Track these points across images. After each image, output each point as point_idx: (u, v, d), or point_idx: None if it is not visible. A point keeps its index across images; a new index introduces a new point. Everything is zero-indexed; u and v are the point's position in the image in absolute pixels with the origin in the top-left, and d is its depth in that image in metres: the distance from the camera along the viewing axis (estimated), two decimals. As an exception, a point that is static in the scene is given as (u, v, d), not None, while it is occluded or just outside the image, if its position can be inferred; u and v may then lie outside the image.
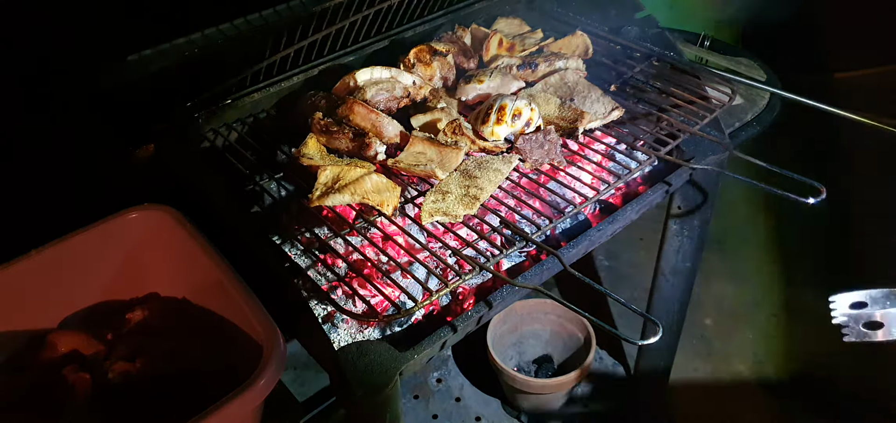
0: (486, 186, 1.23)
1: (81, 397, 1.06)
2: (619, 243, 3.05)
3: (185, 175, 1.33)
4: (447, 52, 1.53)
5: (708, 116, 1.43)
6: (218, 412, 0.91)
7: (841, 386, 2.43)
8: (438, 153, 1.27)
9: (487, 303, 1.17)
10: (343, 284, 1.13)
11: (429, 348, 1.09)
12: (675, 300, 1.91)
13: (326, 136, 1.30)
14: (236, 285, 1.10)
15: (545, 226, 1.21)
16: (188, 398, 1.09)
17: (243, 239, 1.17)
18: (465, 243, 1.16)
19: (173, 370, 1.13)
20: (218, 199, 1.23)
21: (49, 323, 1.19)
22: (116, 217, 1.22)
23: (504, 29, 1.73)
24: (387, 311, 1.11)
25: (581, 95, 1.46)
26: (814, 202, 1.20)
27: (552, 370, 2.23)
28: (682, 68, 1.58)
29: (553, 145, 1.32)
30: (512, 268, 1.28)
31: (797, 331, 2.65)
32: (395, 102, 1.41)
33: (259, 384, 0.94)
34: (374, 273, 1.12)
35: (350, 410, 1.14)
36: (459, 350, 2.33)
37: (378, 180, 1.21)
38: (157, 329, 1.21)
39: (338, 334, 1.11)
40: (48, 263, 1.17)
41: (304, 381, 2.42)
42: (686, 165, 1.38)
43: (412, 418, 2.16)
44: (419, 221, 1.20)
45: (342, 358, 1.06)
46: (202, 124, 1.39)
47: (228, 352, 1.15)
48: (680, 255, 1.81)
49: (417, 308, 1.02)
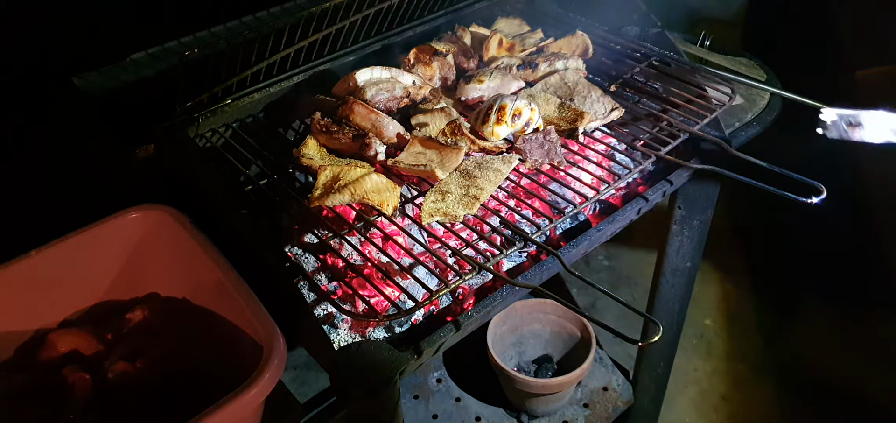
0: (486, 186, 1.23)
1: (81, 397, 1.06)
2: (619, 242, 3.05)
3: (185, 175, 1.33)
4: (447, 52, 1.53)
5: (708, 116, 1.43)
6: (218, 412, 0.91)
7: (841, 386, 2.43)
8: (438, 153, 1.27)
9: (487, 303, 1.17)
10: (343, 284, 1.13)
11: (429, 349, 1.09)
12: (675, 300, 1.91)
13: (326, 136, 1.30)
14: (236, 285, 1.10)
15: (545, 226, 1.21)
16: (188, 398, 1.09)
17: (243, 239, 1.17)
18: (465, 243, 1.16)
19: (173, 370, 1.13)
20: (218, 199, 1.23)
21: (49, 323, 1.19)
22: (116, 217, 1.22)
23: (504, 29, 1.73)
24: (387, 311, 1.11)
25: (581, 95, 1.46)
26: (814, 202, 1.20)
27: (552, 370, 2.22)
28: (681, 68, 1.58)
29: (553, 145, 1.32)
30: (512, 268, 1.28)
31: (797, 331, 2.65)
32: (395, 102, 1.41)
33: (259, 384, 0.94)
34: (374, 273, 1.12)
35: (350, 410, 1.14)
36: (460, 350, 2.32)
37: (378, 180, 1.21)
38: (157, 329, 1.21)
39: (338, 334, 1.11)
40: (48, 263, 1.17)
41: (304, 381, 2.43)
42: (686, 165, 1.38)
43: (412, 418, 2.16)
44: (419, 221, 1.20)
45: (342, 358, 1.06)
46: (202, 124, 1.39)
47: (228, 352, 1.15)
48: (680, 255, 1.81)
49: (417, 308, 1.02)
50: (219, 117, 1.42)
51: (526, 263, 1.29)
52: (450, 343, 1.15)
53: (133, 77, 1.48)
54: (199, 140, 1.39)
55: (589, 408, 2.19)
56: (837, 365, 2.49)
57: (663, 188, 1.41)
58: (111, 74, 1.47)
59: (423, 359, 1.10)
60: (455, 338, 1.15)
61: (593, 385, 2.25)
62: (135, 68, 1.49)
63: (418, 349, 1.08)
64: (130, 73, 1.48)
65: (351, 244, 1.16)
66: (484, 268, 1.09)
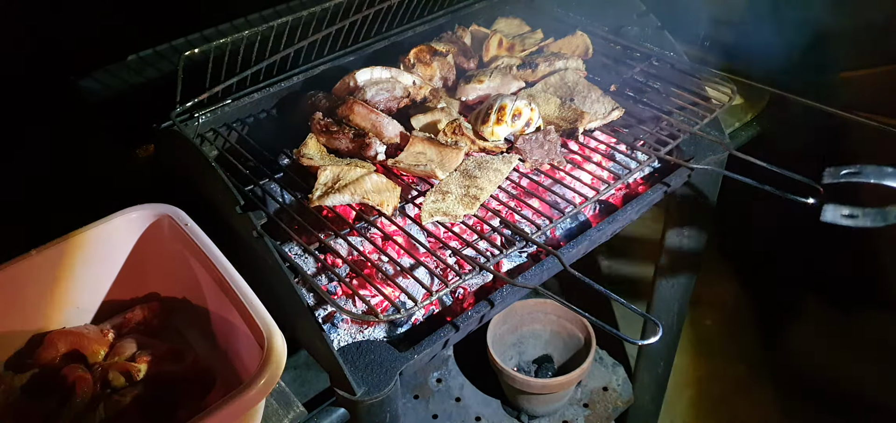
0: (486, 186, 1.23)
1: (81, 397, 1.06)
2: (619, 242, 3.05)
3: (185, 175, 1.33)
4: (447, 52, 1.53)
5: (708, 116, 1.43)
6: (218, 412, 0.91)
7: (841, 386, 2.43)
8: (438, 153, 1.27)
9: (488, 303, 1.17)
10: (343, 284, 1.13)
11: (429, 348, 1.10)
12: (675, 300, 1.92)
13: (326, 136, 1.30)
14: (236, 284, 1.09)
15: (545, 226, 1.21)
16: (188, 398, 1.09)
17: (243, 239, 1.17)
18: (465, 243, 1.16)
19: (173, 370, 1.13)
20: (218, 199, 1.23)
21: (49, 323, 1.19)
22: (116, 217, 1.22)
23: (504, 29, 1.72)
24: (387, 311, 1.11)
25: (581, 95, 1.46)
26: (814, 202, 1.20)
27: (552, 370, 2.22)
28: (681, 68, 1.58)
29: (553, 145, 1.32)
30: (512, 268, 1.28)
31: (797, 331, 2.65)
32: (395, 102, 1.41)
33: (259, 384, 0.94)
34: (374, 273, 1.12)
35: (350, 410, 1.14)
36: (460, 350, 2.32)
37: (378, 180, 1.21)
38: (157, 329, 1.21)
39: (338, 334, 1.11)
40: (48, 263, 1.17)
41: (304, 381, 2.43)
42: (686, 166, 1.38)
43: (412, 418, 2.16)
44: (419, 221, 1.20)
45: (342, 358, 1.06)
46: (202, 124, 1.39)
47: (228, 352, 1.15)
48: (680, 255, 1.81)
49: (417, 308, 1.02)
50: (219, 117, 1.42)
51: (526, 263, 1.29)
52: (450, 343, 1.15)
53: (133, 77, 1.48)
54: (199, 140, 1.39)
55: (589, 408, 2.19)
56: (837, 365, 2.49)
57: (663, 188, 1.41)
58: (111, 74, 1.47)
59: (423, 359, 1.10)
60: (455, 338, 1.15)
61: (593, 385, 2.25)
62: (135, 68, 1.49)
63: (418, 349, 1.09)
64: (130, 73, 1.48)
65: (351, 244, 1.16)
66: (484, 268, 1.09)
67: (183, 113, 1.34)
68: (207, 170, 1.20)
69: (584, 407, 2.19)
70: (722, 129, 1.52)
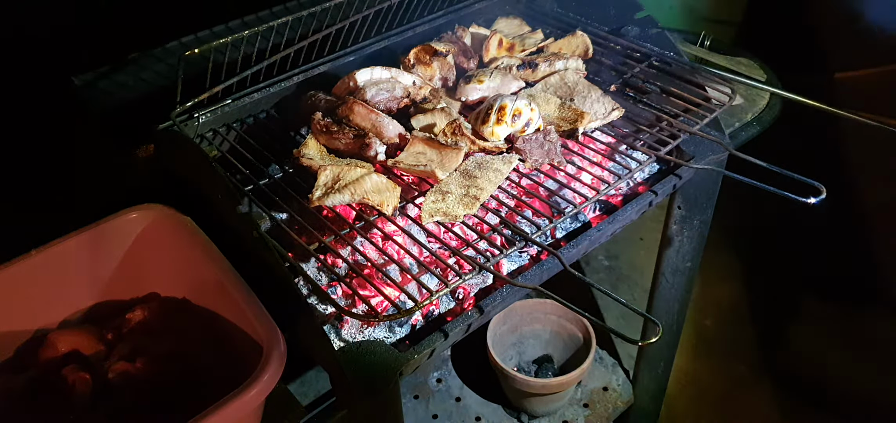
0: (486, 187, 1.23)
1: (81, 397, 1.06)
2: (619, 243, 3.05)
3: (185, 175, 1.33)
4: (447, 53, 1.53)
5: (708, 116, 1.43)
6: (218, 412, 0.91)
7: (841, 386, 2.43)
8: (438, 153, 1.27)
9: (488, 303, 1.17)
10: (343, 284, 1.13)
11: (429, 348, 1.09)
12: (675, 300, 1.91)
13: (326, 136, 1.30)
14: (236, 285, 1.10)
15: (545, 226, 1.21)
16: (188, 398, 1.09)
17: (243, 239, 1.17)
18: (465, 243, 1.16)
19: (173, 369, 1.13)
20: (218, 198, 1.23)
21: (49, 323, 1.19)
22: (116, 217, 1.22)
23: (504, 29, 1.72)
24: (387, 311, 1.11)
25: (581, 96, 1.46)
26: (814, 202, 1.20)
27: (552, 370, 2.22)
28: (681, 68, 1.58)
29: (553, 145, 1.32)
30: (512, 268, 1.28)
31: (797, 331, 2.65)
32: (395, 102, 1.41)
33: (259, 384, 0.94)
34: (374, 273, 1.12)
35: (350, 410, 1.14)
36: (459, 350, 2.33)
37: (378, 180, 1.21)
38: (157, 329, 1.21)
39: (338, 334, 1.11)
40: (48, 263, 1.17)
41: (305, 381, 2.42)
42: (686, 165, 1.38)
43: (412, 418, 2.16)
44: (419, 221, 1.20)
45: (342, 358, 1.06)
46: (202, 124, 1.39)
47: (228, 352, 1.15)
48: (680, 255, 1.81)
49: (417, 308, 1.02)
50: (219, 117, 1.42)
51: (526, 263, 1.29)
52: (450, 343, 1.15)
53: (133, 77, 1.48)
54: (199, 140, 1.39)
55: (589, 408, 2.19)
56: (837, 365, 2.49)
57: (663, 188, 1.41)
58: (111, 74, 1.47)
59: (423, 359, 1.10)
60: (455, 338, 1.15)
61: (593, 385, 2.25)
62: (135, 68, 1.49)
63: (418, 349, 1.08)
64: (130, 73, 1.48)
65: (351, 244, 1.16)
66: (484, 268, 1.09)
67: (183, 113, 1.34)
68: (207, 170, 1.20)
69: (584, 407, 2.19)
70: (722, 129, 1.52)
